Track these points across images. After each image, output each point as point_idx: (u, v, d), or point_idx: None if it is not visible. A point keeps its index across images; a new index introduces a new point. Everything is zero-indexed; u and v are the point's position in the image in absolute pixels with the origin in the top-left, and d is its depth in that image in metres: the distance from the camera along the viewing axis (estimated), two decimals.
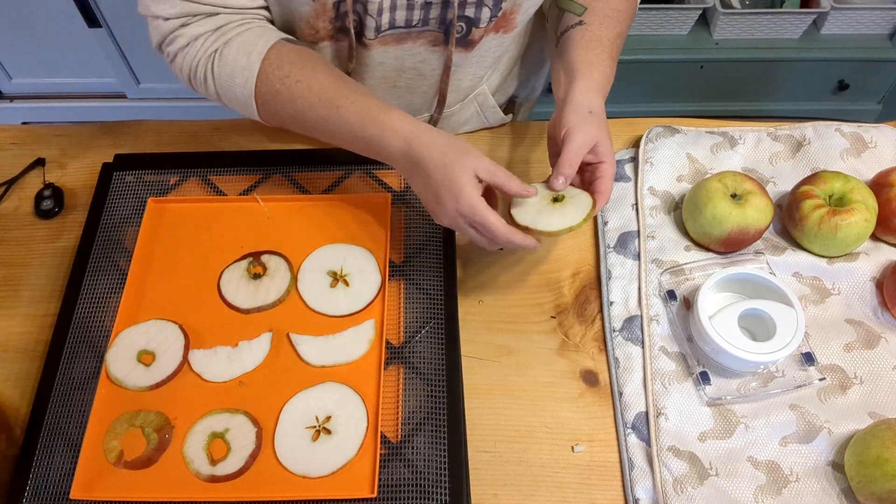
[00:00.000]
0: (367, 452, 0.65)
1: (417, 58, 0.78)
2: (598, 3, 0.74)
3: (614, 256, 0.79)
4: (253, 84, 0.68)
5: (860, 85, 1.80)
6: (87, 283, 0.75)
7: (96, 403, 0.68)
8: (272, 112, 0.70)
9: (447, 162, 0.63)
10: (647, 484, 0.65)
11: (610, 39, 0.73)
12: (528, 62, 0.94)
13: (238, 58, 0.68)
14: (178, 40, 0.69)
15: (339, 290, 0.75)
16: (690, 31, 1.73)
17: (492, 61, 0.83)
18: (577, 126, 0.66)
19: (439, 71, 0.80)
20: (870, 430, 0.64)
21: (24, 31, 1.80)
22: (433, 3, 0.70)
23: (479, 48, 0.78)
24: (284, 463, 0.64)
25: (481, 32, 0.75)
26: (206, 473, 0.64)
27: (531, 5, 0.75)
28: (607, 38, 0.73)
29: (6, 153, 0.89)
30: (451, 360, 0.70)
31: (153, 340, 0.71)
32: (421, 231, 0.79)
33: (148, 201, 0.80)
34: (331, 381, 0.69)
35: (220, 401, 0.68)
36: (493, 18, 0.73)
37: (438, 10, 0.71)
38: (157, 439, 0.65)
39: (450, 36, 0.74)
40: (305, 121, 0.69)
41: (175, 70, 0.72)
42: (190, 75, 0.71)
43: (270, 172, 0.84)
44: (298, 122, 0.70)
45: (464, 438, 0.67)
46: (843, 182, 0.76)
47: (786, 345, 0.67)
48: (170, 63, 0.72)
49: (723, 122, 0.90)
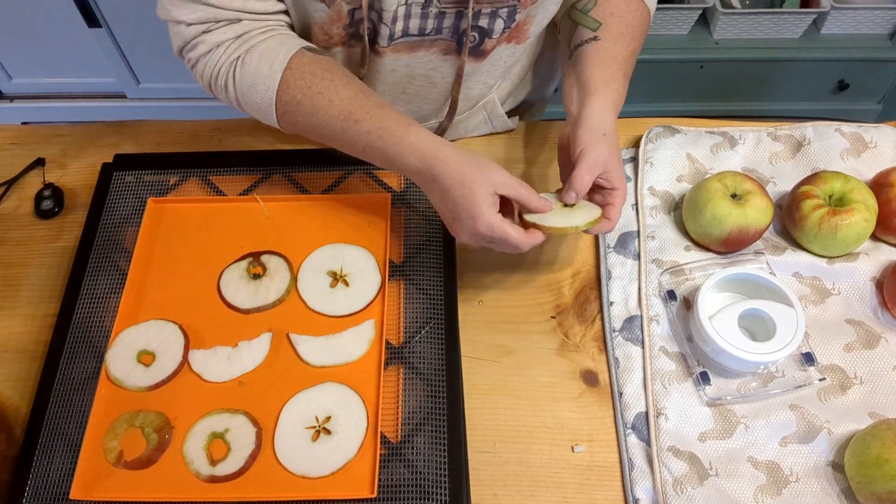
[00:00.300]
0: (366, 452, 0.65)
1: (429, 66, 0.78)
2: (612, 19, 0.74)
3: (614, 256, 0.79)
4: (274, 93, 0.68)
5: (860, 85, 1.80)
6: (87, 283, 0.75)
7: (96, 403, 0.67)
8: (291, 122, 0.70)
9: (465, 182, 0.63)
10: (647, 484, 0.65)
11: (624, 57, 0.73)
12: (540, 71, 0.94)
13: (260, 66, 0.68)
14: (199, 46, 0.69)
15: (339, 290, 0.75)
16: (690, 30, 1.73)
17: (502, 71, 0.83)
18: (590, 147, 0.66)
19: (450, 79, 0.80)
20: (870, 430, 0.64)
21: (24, 31, 1.80)
22: (447, 13, 0.70)
23: (490, 58, 0.78)
24: (284, 463, 0.64)
25: (493, 43, 0.75)
26: (206, 474, 0.64)
27: (545, 17, 0.75)
28: (622, 56, 0.72)
29: (6, 153, 0.89)
30: (451, 360, 0.70)
31: (153, 340, 0.71)
32: (421, 231, 0.79)
33: (148, 201, 0.80)
34: (331, 382, 0.69)
35: (219, 401, 0.68)
36: (507, 30, 0.73)
37: (452, 19, 0.71)
38: (156, 439, 0.65)
39: (462, 45, 0.74)
40: (324, 132, 0.70)
41: (196, 76, 0.72)
42: (210, 81, 0.71)
43: (270, 172, 0.84)
44: (318, 132, 0.70)
45: (464, 438, 0.67)
46: (843, 182, 0.76)
47: (786, 345, 0.67)
48: (190, 69, 0.72)
49: (723, 122, 0.90)
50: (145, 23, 1.75)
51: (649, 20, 0.78)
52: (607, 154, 0.67)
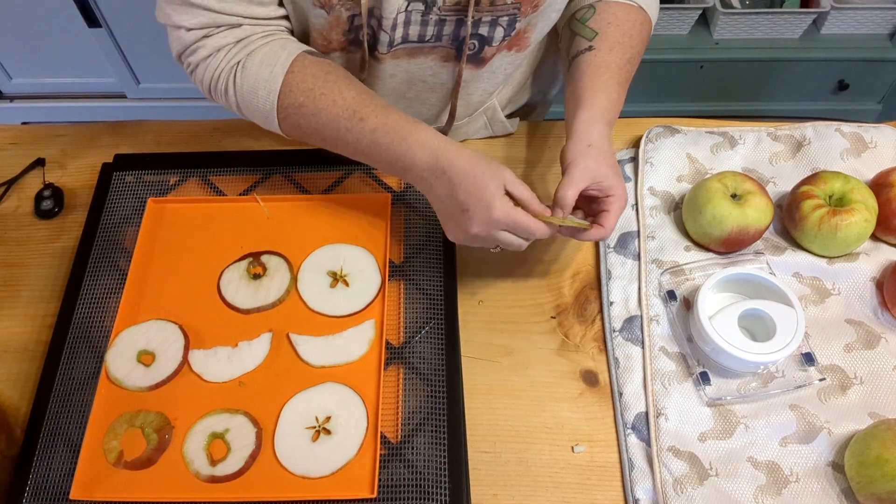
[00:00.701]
0: (366, 453, 0.65)
1: (428, 72, 0.78)
2: (609, 28, 0.73)
3: (614, 256, 0.79)
4: (276, 97, 0.68)
5: (860, 85, 1.80)
6: (87, 284, 0.75)
7: (96, 404, 0.67)
8: (294, 125, 0.70)
9: (477, 173, 0.63)
10: (647, 484, 0.65)
11: (619, 65, 0.72)
12: (541, 76, 0.94)
13: (261, 70, 0.68)
14: (199, 51, 0.69)
15: (339, 290, 0.75)
16: (690, 31, 1.73)
17: (503, 78, 0.82)
18: (574, 161, 0.66)
19: (449, 85, 0.80)
20: (870, 430, 0.64)
21: (24, 31, 1.80)
22: (447, 20, 0.70)
23: (490, 65, 0.78)
24: (284, 463, 0.64)
25: (493, 51, 0.75)
26: (206, 474, 0.64)
27: (546, 25, 0.75)
28: (616, 64, 0.72)
29: (6, 153, 0.89)
30: (451, 360, 0.70)
31: (153, 341, 0.71)
32: (421, 231, 0.79)
33: (148, 201, 0.80)
34: (331, 382, 0.69)
35: (219, 401, 0.68)
36: (507, 38, 0.73)
37: (452, 27, 0.71)
38: (156, 440, 0.65)
39: (462, 52, 0.74)
40: (327, 133, 0.69)
41: (195, 80, 0.72)
42: (211, 86, 0.71)
43: (270, 172, 0.84)
44: (321, 134, 0.70)
45: (464, 438, 0.67)
46: (843, 182, 0.76)
47: (786, 345, 0.67)
48: (190, 73, 0.72)
49: (723, 122, 0.90)
50: (145, 23, 1.75)
51: (650, 29, 0.77)
52: (594, 165, 0.66)
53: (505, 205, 0.63)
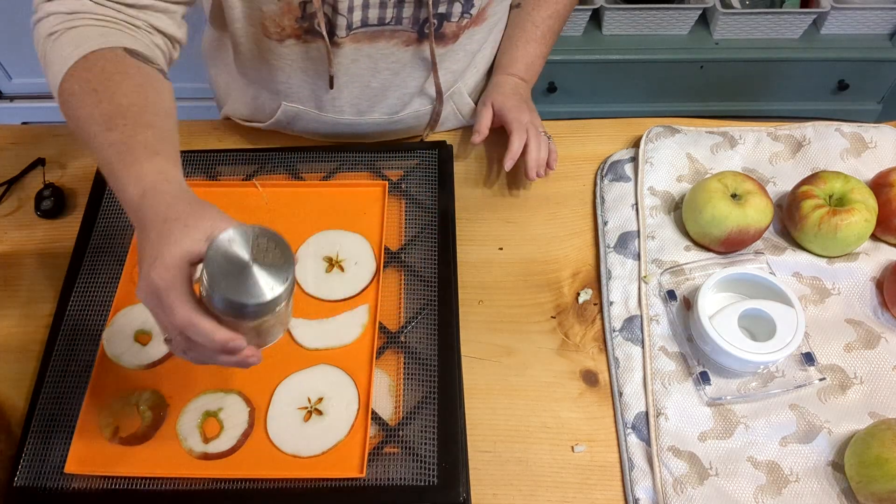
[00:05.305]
0: (357, 434, 0.65)
1: (391, 58, 0.79)
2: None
3: (614, 256, 0.79)
4: (60, 78, 0.60)
5: (860, 85, 1.79)
6: (87, 284, 0.75)
7: (93, 382, 0.68)
8: (66, 113, 0.61)
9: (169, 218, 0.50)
10: (647, 484, 0.65)
11: (542, 19, 0.87)
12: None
13: (64, 47, 0.61)
14: (37, 12, 0.65)
15: (335, 275, 0.75)
16: (690, 31, 1.73)
17: (466, 56, 0.84)
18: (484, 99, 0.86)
19: (415, 73, 0.82)
20: (870, 430, 0.64)
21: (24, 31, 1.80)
22: (405, 3, 0.71)
23: (456, 44, 0.80)
24: (276, 442, 0.65)
25: (454, 28, 0.77)
26: (199, 451, 0.65)
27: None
28: (540, 18, 0.87)
29: (6, 153, 0.89)
30: (448, 356, 0.69)
31: (150, 321, 0.71)
32: (417, 220, 0.79)
33: None
34: (324, 364, 0.69)
35: (214, 381, 0.68)
36: (466, 14, 0.75)
37: (412, 9, 0.72)
38: (151, 417, 0.66)
39: (424, 34, 0.76)
40: (81, 134, 0.59)
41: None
42: (37, 50, 0.65)
43: (269, 167, 0.84)
44: (76, 133, 0.60)
45: (464, 438, 0.67)
46: (843, 182, 0.76)
47: (786, 345, 0.67)
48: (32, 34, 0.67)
49: (723, 122, 0.90)
50: None
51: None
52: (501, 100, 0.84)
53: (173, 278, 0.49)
